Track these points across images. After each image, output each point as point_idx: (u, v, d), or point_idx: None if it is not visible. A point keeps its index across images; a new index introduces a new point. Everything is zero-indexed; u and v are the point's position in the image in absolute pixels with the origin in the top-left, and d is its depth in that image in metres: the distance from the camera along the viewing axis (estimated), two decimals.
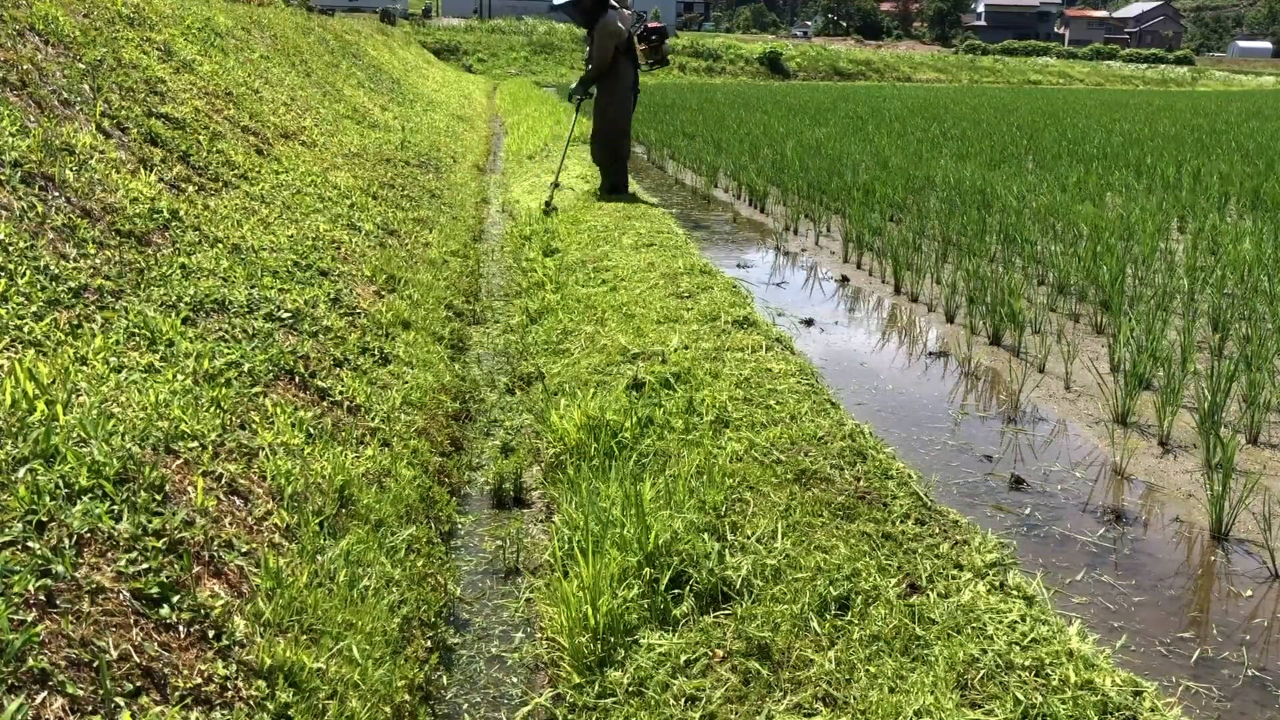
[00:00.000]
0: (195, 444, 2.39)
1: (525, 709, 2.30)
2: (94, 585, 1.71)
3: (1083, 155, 12.41)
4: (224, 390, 2.75)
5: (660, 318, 4.62)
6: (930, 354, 5.00)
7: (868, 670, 2.07)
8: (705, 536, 2.61)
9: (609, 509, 2.78)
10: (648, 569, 2.48)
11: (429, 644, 2.45)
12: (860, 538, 2.59)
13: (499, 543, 3.09)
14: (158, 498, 2.06)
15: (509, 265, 6.80)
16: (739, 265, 7.00)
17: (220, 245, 3.92)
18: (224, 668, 1.78)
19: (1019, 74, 54.42)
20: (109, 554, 1.82)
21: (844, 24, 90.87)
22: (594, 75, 8.20)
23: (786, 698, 2.04)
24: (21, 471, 1.85)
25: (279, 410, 2.88)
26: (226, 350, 3.03)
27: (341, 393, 3.33)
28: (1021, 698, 1.95)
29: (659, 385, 3.74)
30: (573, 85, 8.48)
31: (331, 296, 4.11)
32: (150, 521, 1.96)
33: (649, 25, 8.67)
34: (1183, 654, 2.47)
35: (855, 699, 2.00)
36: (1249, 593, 2.77)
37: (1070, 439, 3.86)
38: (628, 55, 8.21)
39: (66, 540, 1.76)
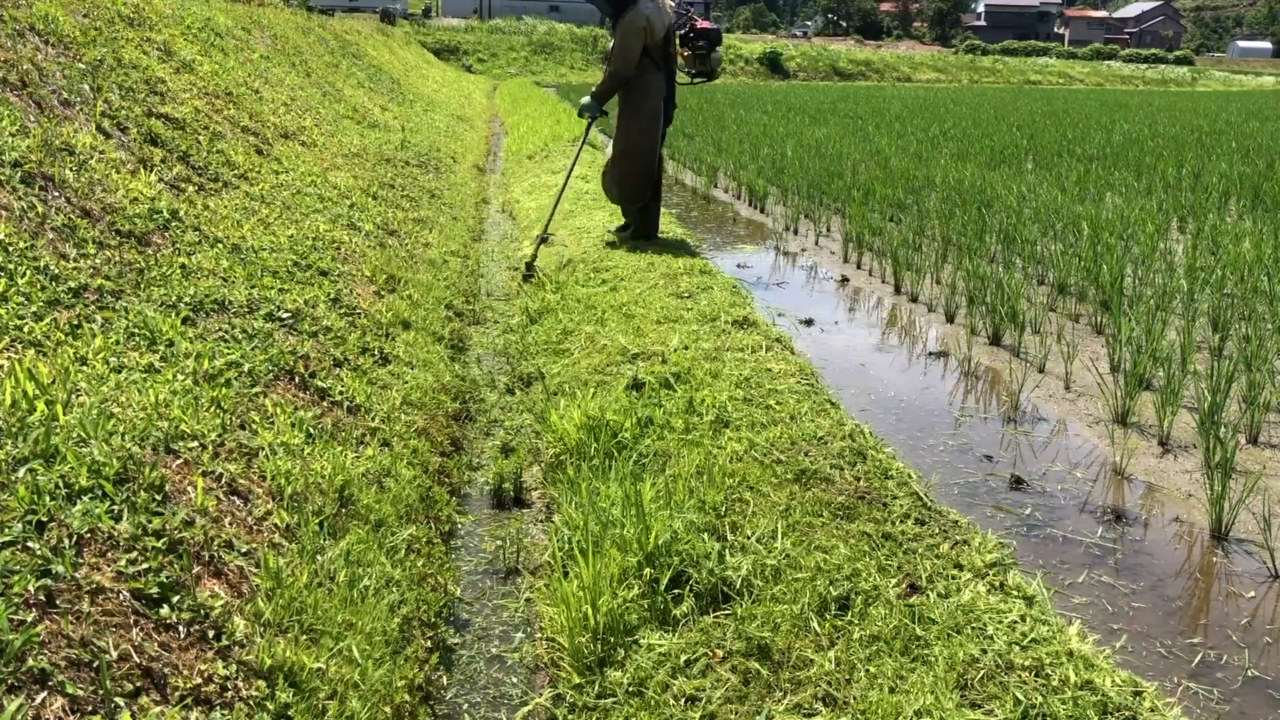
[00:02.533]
0: (195, 444, 2.39)
1: (525, 709, 2.30)
2: (94, 585, 1.71)
3: (1083, 155, 12.41)
4: (224, 390, 2.75)
5: (660, 318, 4.62)
6: (930, 354, 4.99)
7: (868, 670, 2.07)
8: (705, 536, 2.61)
9: (609, 509, 2.78)
10: (648, 569, 2.48)
11: (429, 644, 2.45)
12: (860, 538, 2.59)
13: (499, 543, 3.09)
14: (158, 498, 2.06)
15: (509, 265, 6.80)
16: (739, 265, 7.00)
17: (220, 245, 3.92)
18: (224, 668, 1.78)
19: (1019, 74, 54.46)
20: (109, 554, 1.81)
21: (844, 24, 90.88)
22: (611, 85, 6.11)
23: (786, 698, 2.04)
24: (21, 471, 1.85)
25: (279, 410, 2.88)
26: (226, 350, 3.03)
27: (341, 393, 3.33)
28: (1021, 698, 1.95)
29: (659, 385, 3.74)
30: (585, 100, 6.23)
31: (331, 296, 4.11)
32: (150, 521, 1.96)
33: (696, 24, 6.34)
34: (1183, 654, 2.47)
35: (855, 699, 2.00)
36: (1250, 593, 2.77)
37: (1070, 439, 3.86)
38: (662, 62, 6.16)
39: (66, 540, 1.75)
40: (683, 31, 6.33)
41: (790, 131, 14.62)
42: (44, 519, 1.77)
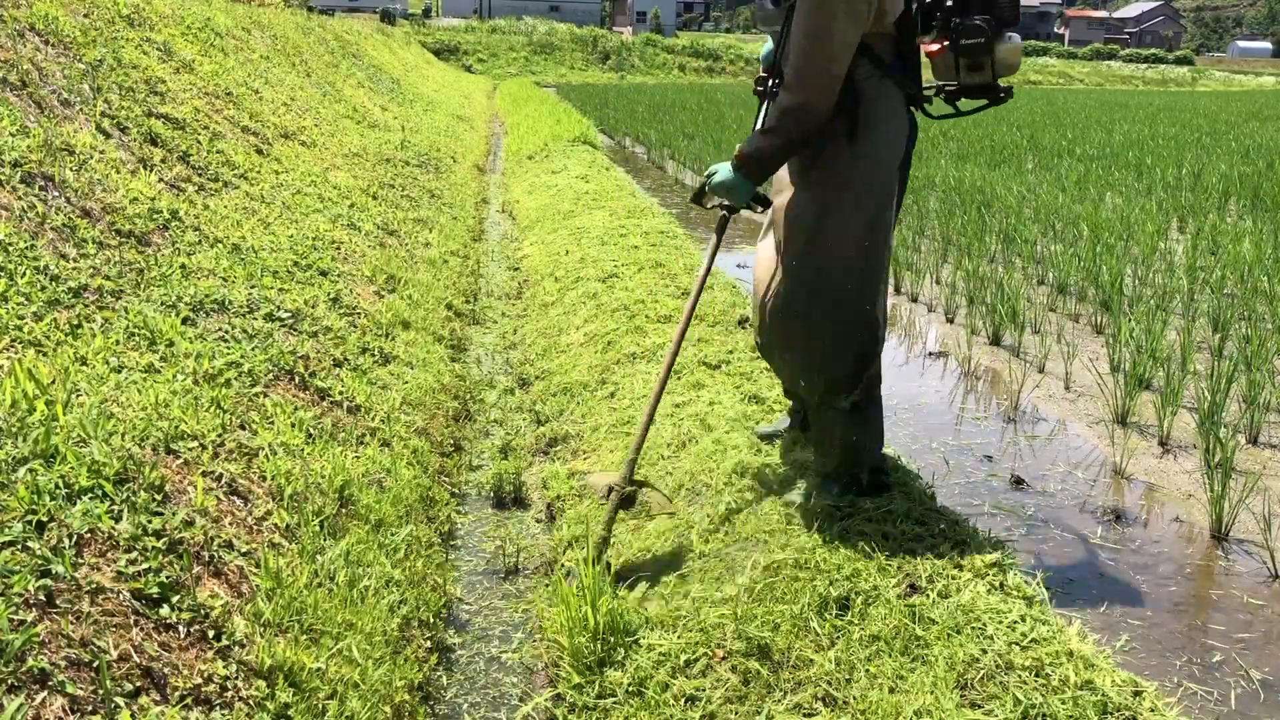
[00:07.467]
0: (195, 444, 2.39)
1: (525, 709, 2.30)
2: (94, 585, 1.71)
3: (1083, 155, 12.41)
4: (224, 390, 2.75)
5: (661, 316, 4.62)
6: (930, 354, 5.00)
7: (868, 670, 2.07)
8: None
9: None
10: None
11: (429, 644, 2.45)
12: (860, 537, 2.59)
13: (499, 543, 3.09)
14: (158, 498, 2.06)
15: (508, 265, 6.79)
16: (739, 265, 7.00)
17: (220, 245, 3.92)
18: (224, 668, 1.78)
19: (1019, 74, 54.43)
20: (109, 554, 1.82)
21: None
22: (793, 134, 2.38)
23: (786, 698, 2.04)
24: (21, 471, 1.85)
25: (279, 410, 2.88)
26: (226, 350, 3.03)
27: (341, 393, 3.33)
28: (1021, 698, 1.95)
29: None
30: (719, 172, 2.55)
31: (331, 296, 4.11)
32: (150, 521, 1.96)
33: None
34: (1182, 654, 2.47)
35: (855, 699, 2.00)
36: (1250, 594, 2.77)
37: (1070, 439, 3.86)
38: (897, 70, 2.48)
39: (66, 540, 1.75)
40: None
41: None
42: (44, 519, 1.77)
